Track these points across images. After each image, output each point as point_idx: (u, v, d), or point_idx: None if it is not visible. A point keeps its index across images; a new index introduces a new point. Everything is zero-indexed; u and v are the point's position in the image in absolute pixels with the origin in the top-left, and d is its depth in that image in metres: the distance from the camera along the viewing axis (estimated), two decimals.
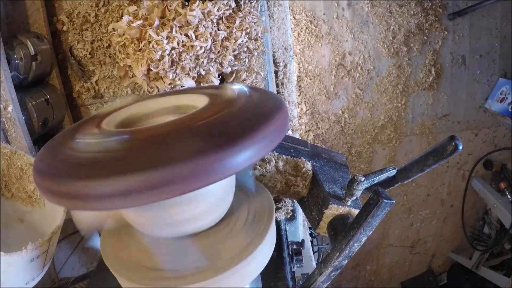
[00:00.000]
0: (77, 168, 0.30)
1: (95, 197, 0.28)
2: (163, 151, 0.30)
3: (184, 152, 0.29)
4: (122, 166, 0.29)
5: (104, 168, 0.29)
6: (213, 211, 0.42)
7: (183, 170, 0.28)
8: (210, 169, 0.29)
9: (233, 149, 0.30)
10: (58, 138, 0.41)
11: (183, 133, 0.32)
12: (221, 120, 0.34)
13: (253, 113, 0.35)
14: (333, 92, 2.10)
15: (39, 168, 0.33)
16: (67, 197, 0.30)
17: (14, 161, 0.69)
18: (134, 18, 0.78)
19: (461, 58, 2.07)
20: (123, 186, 0.28)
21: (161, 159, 0.29)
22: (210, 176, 0.29)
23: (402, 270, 2.70)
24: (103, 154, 0.31)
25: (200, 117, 0.35)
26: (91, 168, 0.30)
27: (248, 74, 0.85)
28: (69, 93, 0.96)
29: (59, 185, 0.30)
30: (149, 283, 0.38)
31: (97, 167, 0.29)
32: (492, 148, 2.27)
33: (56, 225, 0.59)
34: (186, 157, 0.29)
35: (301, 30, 1.99)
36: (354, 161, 2.26)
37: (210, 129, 0.32)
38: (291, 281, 0.65)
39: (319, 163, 0.68)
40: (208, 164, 0.29)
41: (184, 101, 0.49)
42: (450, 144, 0.51)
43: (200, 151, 0.29)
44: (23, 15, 0.86)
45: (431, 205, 2.44)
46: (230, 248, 0.41)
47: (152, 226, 0.41)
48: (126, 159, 0.30)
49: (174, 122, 0.35)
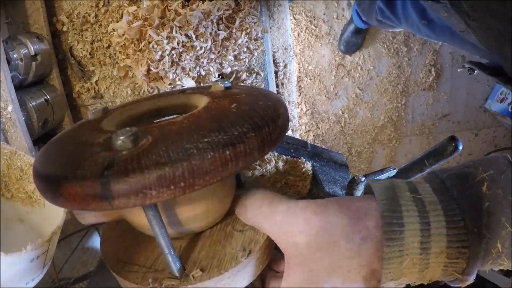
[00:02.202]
0: (82, 168, 0.30)
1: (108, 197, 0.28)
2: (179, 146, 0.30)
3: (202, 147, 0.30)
4: (135, 164, 0.29)
5: (119, 166, 0.29)
6: (217, 208, 0.42)
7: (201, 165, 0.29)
8: (225, 164, 0.30)
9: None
10: (59, 139, 0.41)
11: (198, 129, 0.32)
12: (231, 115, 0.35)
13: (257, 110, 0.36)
14: (333, 92, 2.10)
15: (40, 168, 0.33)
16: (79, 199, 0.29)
17: (14, 162, 0.69)
18: (134, 18, 0.78)
19: (461, 58, 2.07)
20: (140, 184, 0.28)
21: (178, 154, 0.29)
22: (226, 170, 0.30)
23: None
24: (112, 153, 0.31)
25: (207, 114, 0.36)
26: (99, 167, 0.29)
27: (248, 74, 0.85)
28: (69, 93, 0.96)
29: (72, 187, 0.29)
30: (149, 283, 0.38)
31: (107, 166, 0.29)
32: (492, 148, 2.27)
33: (56, 225, 0.59)
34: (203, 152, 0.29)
35: (301, 30, 1.99)
36: (354, 161, 2.26)
37: (222, 124, 0.33)
38: None
39: (319, 163, 0.68)
40: (224, 158, 0.30)
41: (184, 100, 0.49)
42: (450, 144, 0.51)
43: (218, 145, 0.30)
44: (23, 15, 0.86)
45: None
46: (232, 246, 0.41)
47: (137, 225, 0.41)
48: (139, 157, 0.29)
49: (185, 119, 0.35)
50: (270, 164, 0.65)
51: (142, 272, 0.39)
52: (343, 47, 1.94)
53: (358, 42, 1.91)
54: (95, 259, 1.18)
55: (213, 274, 0.37)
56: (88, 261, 1.20)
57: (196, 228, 0.42)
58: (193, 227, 0.41)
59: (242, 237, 0.42)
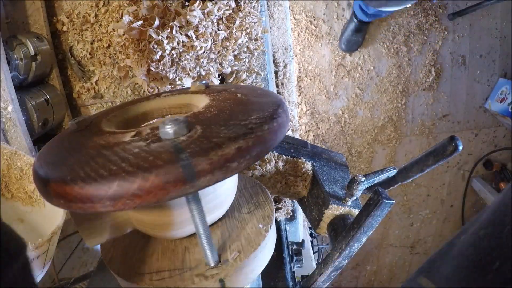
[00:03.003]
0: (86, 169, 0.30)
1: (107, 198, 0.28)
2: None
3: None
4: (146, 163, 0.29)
5: (192, 148, 0.29)
6: (226, 202, 0.43)
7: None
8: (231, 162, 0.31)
9: None
10: (59, 139, 0.41)
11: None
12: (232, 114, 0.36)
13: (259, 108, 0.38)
14: (333, 92, 2.10)
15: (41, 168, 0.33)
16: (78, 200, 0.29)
17: (14, 162, 0.69)
18: (134, 18, 0.78)
19: (461, 58, 2.07)
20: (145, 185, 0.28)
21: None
22: (276, 140, 0.33)
23: (402, 270, 2.70)
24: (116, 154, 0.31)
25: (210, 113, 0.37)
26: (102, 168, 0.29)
27: (248, 74, 0.85)
28: (69, 93, 0.96)
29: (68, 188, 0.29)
30: (150, 283, 0.38)
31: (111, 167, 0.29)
32: (492, 148, 2.27)
33: (56, 226, 0.59)
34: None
35: (301, 30, 1.99)
36: (354, 161, 2.26)
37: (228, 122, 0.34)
38: (291, 281, 0.65)
39: (319, 163, 0.68)
40: (273, 130, 0.33)
41: (177, 101, 0.50)
42: (450, 144, 0.51)
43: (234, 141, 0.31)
44: (23, 15, 0.86)
45: (431, 205, 2.44)
46: (250, 226, 0.43)
47: (167, 225, 0.41)
48: (207, 138, 0.30)
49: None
50: (270, 164, 0.65)
51: (177, 275, 0.38)
52: (344, 46, 1.94)
53: (359, 40, 1.91)
54: (95, 259, 1.18)
55: (249, 252, 0.39)
56: (88, 261, 1.20)
57: (215, 217, 0.43)
58: (215, 216, 0.43)
59: (254, 216, 0.45)
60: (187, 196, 0.33)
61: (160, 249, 0.42)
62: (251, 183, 0.54)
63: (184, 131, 0.31)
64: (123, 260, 0.43)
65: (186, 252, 0.41)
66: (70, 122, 0.44)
